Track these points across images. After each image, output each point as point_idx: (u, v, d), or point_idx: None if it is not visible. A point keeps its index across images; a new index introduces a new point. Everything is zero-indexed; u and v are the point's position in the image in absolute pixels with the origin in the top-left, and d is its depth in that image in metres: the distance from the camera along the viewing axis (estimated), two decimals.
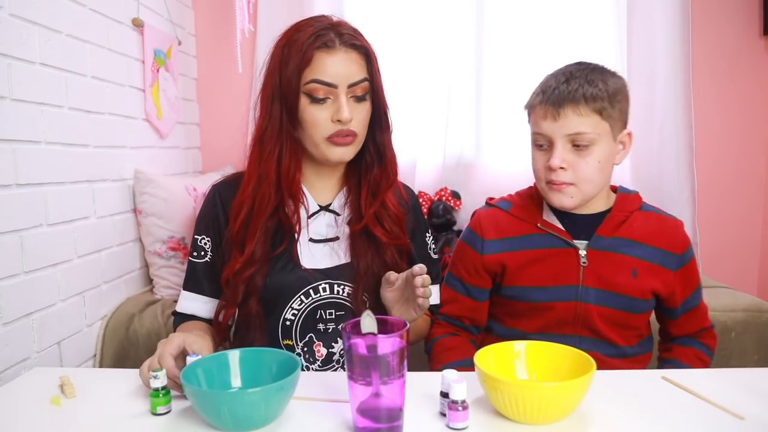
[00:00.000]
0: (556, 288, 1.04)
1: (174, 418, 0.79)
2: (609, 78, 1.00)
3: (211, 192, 1.09)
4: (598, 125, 0.98)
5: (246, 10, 2.10)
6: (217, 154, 2.34)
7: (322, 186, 1.08)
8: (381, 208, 1.05)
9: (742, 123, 2.29)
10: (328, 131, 0.98)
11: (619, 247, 1.04)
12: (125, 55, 1.71)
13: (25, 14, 1.27)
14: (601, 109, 0.97)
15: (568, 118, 0.97)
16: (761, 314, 1.65)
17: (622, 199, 1.08)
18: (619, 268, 1.04)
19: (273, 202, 1.00)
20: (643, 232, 1.05)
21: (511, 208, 1.12)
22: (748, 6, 2.23)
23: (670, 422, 0.76)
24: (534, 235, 1.07)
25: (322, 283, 1.03)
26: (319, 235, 1.06)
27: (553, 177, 1.00)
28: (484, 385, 0.77)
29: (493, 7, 2.20)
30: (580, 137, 0.98)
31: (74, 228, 1.45)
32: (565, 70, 1.01)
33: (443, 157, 2.25)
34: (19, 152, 1.25)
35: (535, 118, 1.03)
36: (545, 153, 1.02)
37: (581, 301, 1.04)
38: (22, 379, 0.94)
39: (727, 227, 2.33)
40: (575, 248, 1.05)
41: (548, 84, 1.01)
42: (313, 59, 0.96)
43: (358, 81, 0.98)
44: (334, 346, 1.04)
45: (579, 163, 0.99)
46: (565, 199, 1.01)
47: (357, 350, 0.71)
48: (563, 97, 0.97)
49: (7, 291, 1.21)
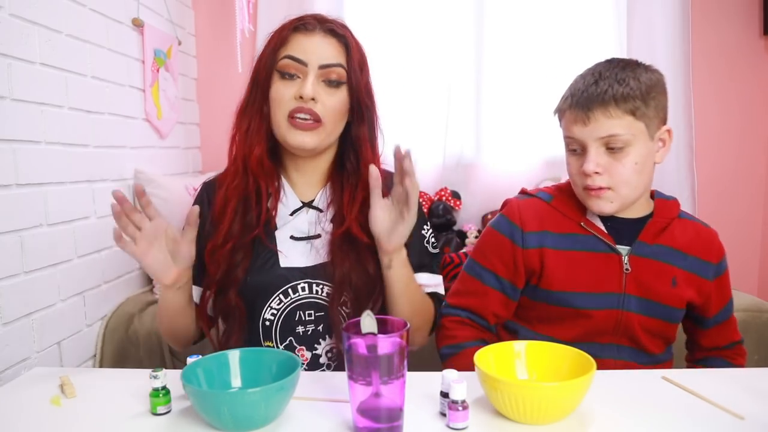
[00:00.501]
0: (598, 294, 1.00)
1: (174, 418, 0.79)
2: (642, 74, 0.95)
3: (200, 190, 1.11)
4: (631, 126, 0.93)
5: (246, 10, 2.10)
6: (217, 154, 2.34)
7: (304, 182, 1.07)
8: (363, 209, 1.01)
9: (742, 123, 2.29)
10: (289, 107, 0.97)
11: (660, 254, 1.01)
12: (125, 55, 1.71)
13: (26, 14, 1.27)
14: (634, 109, 0.92)
15: (598, 121, 0.93)
16: (761, 314, 1.65)
17: (662, 205, 1.04)
18: (660, 276, 1.00)
19: (242, 178, 1.01)
20: (683, 240, 1.02)
21: (552, 201, 1.06)
22: (748, 6, 2.23)
23: (670, 422, 0.76)
24: (576, 235, 1.02)
25: (301, 282, 1.01)
26: (300, 232, 1.04)
27: (589, 182, 0.96)
28: (484, 385, 0.77)
29: (493, 8, 2.20)
30: (613, 140, 0.93)
31: (74, 228, 1.45)
32: (594, 70, 0.97)
33: (443, 157, 2.25)
34: (19, 152, 1.25)
35: (566, 123, 0.99)
36: (579, 157, 0.98)
37: (623, 309, 1.00)
38: (22, 379, 0.94)
39: (727, 227, 2.31)
40: (618, 254, 1.00)
41: (576, 86, 0.97)
42: (289, 38, 0.98)
43: (331, 64, 0.98)
44: (317, 348, 1.02)
45: (615, 167, 0.94)
46: (605, 205, 0.97)
47: (357, 350, 0.71)
48: (592, 99, 0.93)
49: (7, 291, 1.21)
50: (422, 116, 2.24)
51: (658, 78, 0.97)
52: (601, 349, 1.01)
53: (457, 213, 2.21)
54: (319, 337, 1.02)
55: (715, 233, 1.08)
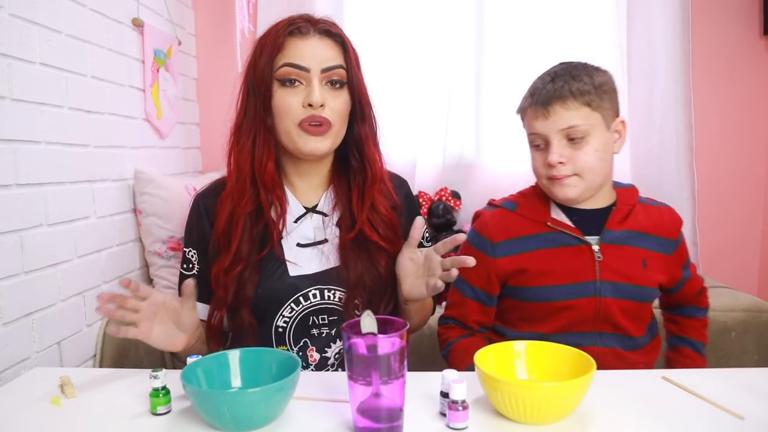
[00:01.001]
0: (575, 285, 1.05)
1: (174, 418, 0.79)
2: (593, 72, 1.02)
3: (194, 203, 1.08)
4: (589, 116, 1.00)
5: (246, 10, 2.10)
6: (217, 154, 2.31)
7: (306, 186, 1.06)
8: (372, 211, 1.02)
9: (742, 123, 2.29)
10: (299, 116, 0.95)
11: (627, 239, 1.06)
12: (125, 55, 1.71)
13: (26, 14, 1.27)
14: (590, 101, 0.99)
15: (558, 114, 1.00)
16: (761, 314, 1.65)
17: (623, 193, 1.10)
18: (631, 259, 1.06)
19: (250, 194, 0.99)
20: (646, 223, 1.08)
21: (517, 208, 1.12)
22: (748, 6, 2.23)
23: (670, 422, 0.76)
24: (545, 234, 1.07)
25: (312, 290, 1.00)
26: (306, 239, 1.03)
27: (554, 172, 1.02)
28: (484, 385, 0.77)
29: (493, 8, 2.20)
30: (573, 130, 1.00)
31: (74, 228, 1.45)
32: (550, 71, 1.05)
33: (443, 157, 2.25)
34: (19, 152, 1.25)
35: (528, 120, 1.06)
36: (543, 152, 1.04)
37: (600, 295, 1.04)
38: (23, 379, 0.94)
39: (727, 227, 2.33)
40: (588, 244, 1.05)
41: (536, 86, 1.04)
42: (285, 44, 0.96)
43: (333, 66, 0.96)
44: (327, 351, 1.02)
45: (577, 155, 1.00)
46: (569, 191, 1.02)
47: (357, 350, 0.71)
48: (550, 95, 1.00)
49: (7, 291, 1.21)
50: (422, 116, 2.24)
51: (608, 77, 1.05)
52: (583, 337, 1.05)
53: (457, 213, 2.21)
54: (330, 341, 1.02)
55: (672, 210, 1.14)
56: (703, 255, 2.29)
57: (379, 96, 1.09)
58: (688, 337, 1.21)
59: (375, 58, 2.19)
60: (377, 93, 1.10)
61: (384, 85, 2.19)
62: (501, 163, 2.20)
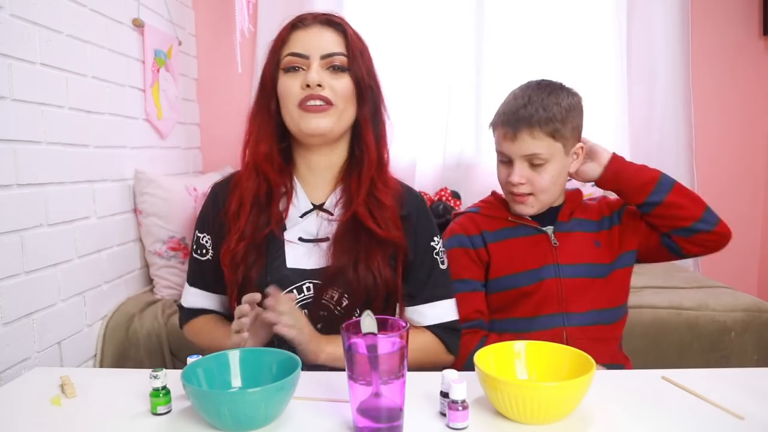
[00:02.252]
0: (536, 270, 1.16)
1: (174, 418, 0.79)
2: (564, 98, 1.12)
3: (211, 191, 1.10)
4: (551, 146, 1.11)
5: (246, 10, 2.10)
6: (217, 154, 2.34)
7: (316, 182, 1.06)
8: (371, 197, 1.02)
9: (742, 123, 2.29)
10: (298, 97, 0.98)
11: (577, 226, 1.20)
12: (125, 56, 1.71)
13: (26, 15, 1.27)
14: (554, 132, 1.10)
15: (524, 140, 1.11)
16: (761, 314, 1.65)
17: (570, 195, 1.24)
18: (583, 243, 1.18)
19: (254, 179, 1.02)
20: (590, 213, 1.22)
21: (480, 210, 1.25)
22: (748, 6, 2.23)
23: (670, 422, 0.76)
24: (507, 228, 1.21)
25: (307, 283, 1.01)
26: (309, 234, 1.04)
27: (515, 190, 1.15)
28: (484, 385, 0.77)
29: (493, 8, 2.21)
30: (535, 157, 1.12)
31: (74, 228, 1.45)
32: (524, 93, 1.13)
33: (443, 157, 2.26)
34: (19, 152, 1.25)
35: (497, 137, 1.18)
36: (507, 167, 1.17)
37: (561, 276, 1.16)
38: (23, 379, 0.94)
39: None
40: (544, 233, 1.19)
41: (508, 106, 1.14)
42: (288, 38, 1.01)
43: (333, 53, 1.00)
44: None
45: (535, 178, 1.13)
46: (526, 209, 1.17)
47: (357, 350, 0.71)
48: (520, 120, 1.10)
49: (7, 291, 1.21)
50: (422, 116, 2.24)
51: (577, 100, 1.15)
52: (551, 319, 1.15)
53: None
54: None
55: (603, 197, 1.28)
56: None
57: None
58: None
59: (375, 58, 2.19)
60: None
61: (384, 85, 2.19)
62: None
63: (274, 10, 2.20)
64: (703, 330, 1.64)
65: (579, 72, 2.16)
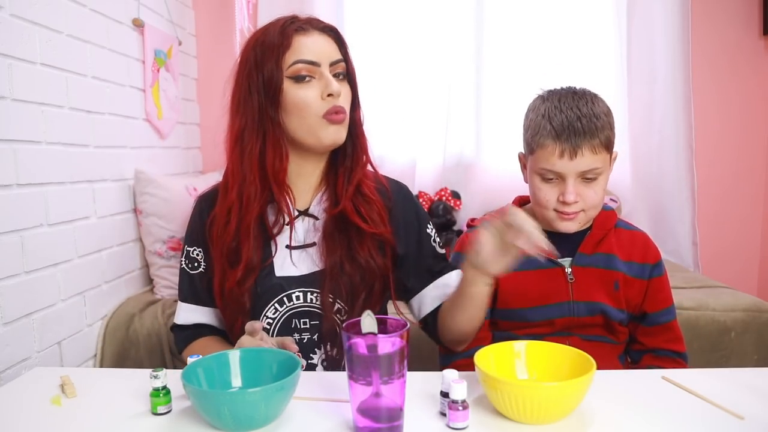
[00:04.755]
0: (549, 306, 1.08)
1: (174, 418, 0.79)
2: (601, 103, 1.03)
3: (196, 204, 1.10)
4: (605, 159, 1.02)
5: (246, 10, 2.11)
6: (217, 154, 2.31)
7: (303, 187, 1.05)
8: (357, 194, 1.02)
9: (742, 123, 2.29)
10: (322, 108, 0.96)
11: (600, 262, 1.09)
12: (125, 56, 1.71)
13: (26, 15, 1.27)
14: (609, 142, 1.01)
15: (585, 157, 0.99)
16: (761, 314, 1.65)
17: (601, 217, 1.10)
18: (603, 281, 1.08)
19: (259, 199, 0.98)
20: (619, 247, 1.10)
21: None
22: (748, 6, 2.23)
23: (670, 422, 0.76)
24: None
25: (296, 291, 1.00)
26: (296, 241, 1.03)
27: (566, 209, 1.03)
28: (484, 385, 0.77)
29: (493, 8, 2.21)
30: (591, 172, 1.01)
31: (75, 228, 1.45)
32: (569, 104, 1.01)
33: (443, 157, 2.25)
34: (19, 152, 1.25)
35: (545, 155, 1.02)
36: (554, 186, 1.03)
37: (574, 315, 1.08)
38: (23, 378, 0.94)
39: (727, 227, 2.33)
40: (561, 266, 1.08)
41: (561, 123, 1.00)
42: (292, 42, 0.96)
43: (337, 60, 0.99)
44: (313, 357, 1.01)
45: (587, 193, 1.02)
46: (573, 226, 1.05)
47: (357, 350, 0.71)
48: (580, 138, 0.99)
49: (7, 291, 1.21)
50: (422, 116, 2.24)
51: (609, 109, 1.05)
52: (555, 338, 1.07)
53: (457, 213, 2.22)
54: (314, 347, 1.01)
55: (647, 236, 1.15)
56: (703, 255, 2.29)
57: (379, 96, 1.10)
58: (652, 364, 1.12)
59: (375, 58, 2.20)
60: (377, 93, 1.11)
61: (384, 85, 2.19)
62: (501, 163, 2.20)
63: (274, 10, 2.19)
64: (703, 330, 1.64)
65: (579, 72, 2.16)
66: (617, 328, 1.10)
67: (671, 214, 2.26)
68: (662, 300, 1.12)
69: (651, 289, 1.11)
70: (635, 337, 1.14)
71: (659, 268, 1.12)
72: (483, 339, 1.10)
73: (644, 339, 1.12)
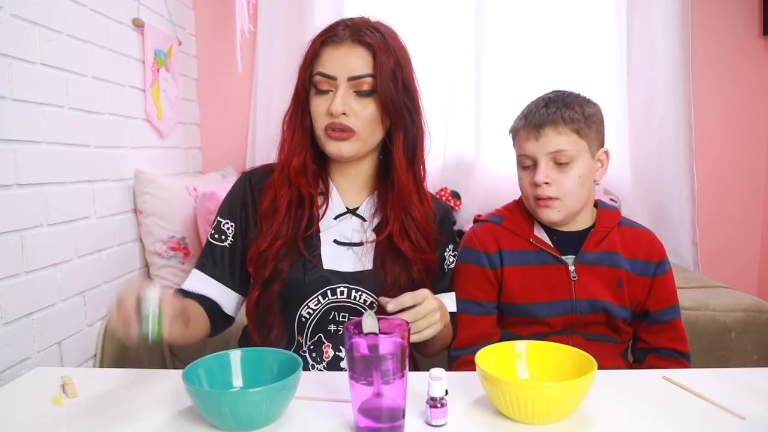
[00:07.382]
0: (552, 303, 1.10)
1: (175, 418, 0.79)
2: (585, 103, 1.08)
3: (241, 178, 1.10)
4: (576, 143, 1.05)
5: (246, 10, 2.10)
6: (217, 154, 2.34)
7: (349, 187, 1.08)
8: (406, 217, 1.04)
9: (742, 123, 2.30)
10: (324, 122, 0.99)
11: (603, 260, 1.11)
12: (126, 56, 1.71)
13: (26, 14, 1.27)
14: (579, 128, 1.05)
15: (549, 137, 1.05)
16: (761, 314, 1.65)
17: (603, 215, 1.14)
18: (606, 279, 1.10)
19: (288, 185, 1.03)
20: (623, 245, 1.12)
21: (503, 221, 1.16)
22: (748, 6, 2.23)
23: (670, 422, 0.76)
24: (527, 251, 1.12)
25: (341, 286, 1.02)
26: (344, 237, 1.05)
27: (539, 192, 1.07)
28: (485, 385, 0.77)
29: (493, 7, 2.21)
30: (560, 154, 1.05)
31: (74, 228, 1.45)
32: (545, 97, 1.10)
33: (443, 157, 2.25)
34: (19, 152, 1.25)
35: (519, 141, 1.11)
36: (530, 172, 1.09)
37: (576, 313, 1.09)
38: (23, 378, 0.94)
39: (727, 227, 2.34)
40: (565, 264, 1.10)
41: (529, 110, 1.10)
42: (319, 52, 1.00)
43: (360, 75, 0.98)
44: (342, 350, 1.02)
45: (561, 179, 1.06)
46: (553, 214, 1.08)
47: (358, 350, 0.71)
48: (543, 118, 1.06)
49: (7, 291, 1.21)
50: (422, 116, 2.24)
51: (598, 109, 1.10)
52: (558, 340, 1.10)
53: (457, 213, 2.22)
54: None
55: (652, 234, 1.16)
56: (703, 255, 2.29)
57: None
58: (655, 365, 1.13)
59: None
60: None
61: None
62: (501, 163, 2.20)
63: (274, 10, 2.20)
64: (703, 330, 1.64)
65: (579, 72, 2.16)
66: (620, 326, 1.11)
67: (671, 213, 2.26)
68: (665, 298, 1.13)
69: (655, 287, 1.12)
70: (638, 335, 1.15)
71: (664, 265, 1.13)
72: (492, 335, 1.13)
73: (647, 337, 1.14)
